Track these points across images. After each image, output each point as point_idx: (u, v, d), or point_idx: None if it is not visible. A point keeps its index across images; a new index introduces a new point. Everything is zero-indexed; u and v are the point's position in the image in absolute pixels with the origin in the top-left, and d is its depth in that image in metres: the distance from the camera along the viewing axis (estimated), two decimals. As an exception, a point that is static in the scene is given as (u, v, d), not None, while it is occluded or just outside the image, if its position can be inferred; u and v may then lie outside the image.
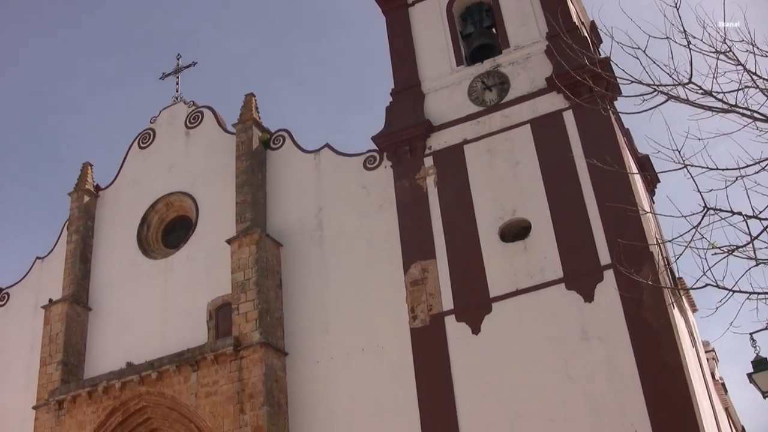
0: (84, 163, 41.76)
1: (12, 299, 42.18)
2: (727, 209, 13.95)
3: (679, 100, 14.26)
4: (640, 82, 14.43)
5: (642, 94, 14.40)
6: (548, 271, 28.99)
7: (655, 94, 14.36)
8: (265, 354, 30.97)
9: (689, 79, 14.18)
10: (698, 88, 14.13)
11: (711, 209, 14.02)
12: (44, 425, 35.37)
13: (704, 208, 14.04)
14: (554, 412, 27.07)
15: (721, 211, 14.00)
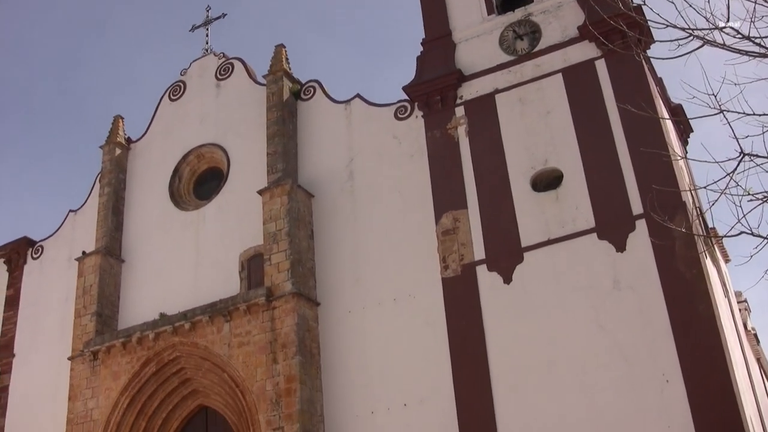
0: (115, 116, 41.94)
1: (46, 252, 42.58)
2: (764, 155, 13.77)
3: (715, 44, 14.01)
4: (675, 26, 14.21)
5: (677, 39, 14.17)
6: (580, 221, 28.91)
7: (690, 38, 14.12)
8: (297, 304, 31.13)
9: (726, 22, 13.95)
10: (735, 32, 13.88)
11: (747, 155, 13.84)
12: (79, 376, 35.77)
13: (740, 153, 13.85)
14: (585, 361, 27.11)
15: (758, 156, 13.81)
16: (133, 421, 34.31)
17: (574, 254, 28.61)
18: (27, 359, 40.53)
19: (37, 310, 41.39)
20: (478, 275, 29.74)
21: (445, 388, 28.88)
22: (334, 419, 30.51)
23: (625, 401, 26.17)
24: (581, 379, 26.99)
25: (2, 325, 42.55)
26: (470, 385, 28.50)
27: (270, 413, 30.03)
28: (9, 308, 42.74)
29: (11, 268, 43.68)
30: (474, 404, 28.24)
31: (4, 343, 41.99)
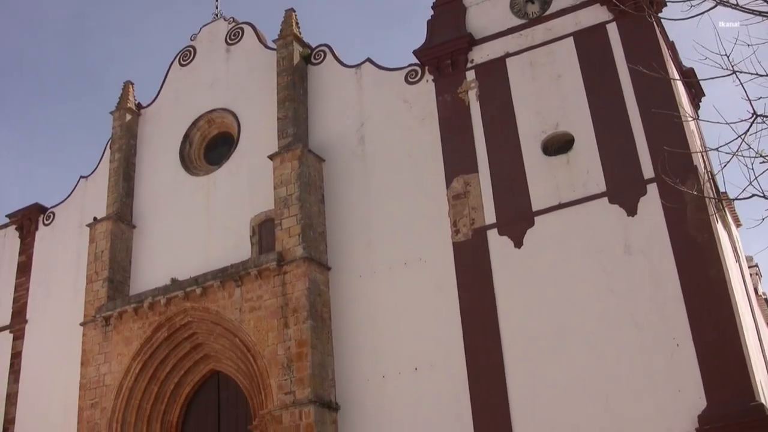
0: (125, 82, 41.89)
1: (57, 218, 42.70)
2: (777, 116, 13.68)
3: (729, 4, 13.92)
4: (688, -14, 14.08)
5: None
6: (591, 185, 28.84)
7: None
8: (309, 268, 31.18)
9: (739, -18, 13.83)
10: (748, -8, 13.78)
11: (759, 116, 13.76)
12: (92, 341, 35.96)
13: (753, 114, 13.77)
14: (596, 326, 27.16)
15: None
16: (146, 386, 34.53)
17: (585, 218, 28.58)
18: (39, 325, 40.74)
19: (48, 276, 41.56)
20: (489, 239, 29.73)
21: (455, 352, 28.94)
22: (345, 383, 30.63)
23: (636, 365, 26.21)
24: (592, 343, 27.03)
25: (15, 292, 42.76)
26: (481, 349, 28.56)
27: (281, 378, 30.15)
28: (21, 275, 42.93)
29: (23, 234, 43.84)
30: (485, 368, 28.30)
31: (16, 309, 42.20)
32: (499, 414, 27.63)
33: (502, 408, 27.66)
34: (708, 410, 24.87)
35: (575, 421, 26.51)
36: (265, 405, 30.59)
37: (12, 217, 44.44)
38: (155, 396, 34.63)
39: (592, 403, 26.45)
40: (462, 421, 28.16)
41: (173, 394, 34.83)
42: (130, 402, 34.43)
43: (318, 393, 29.62)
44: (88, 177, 42.18)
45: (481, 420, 27.88)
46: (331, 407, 29.99)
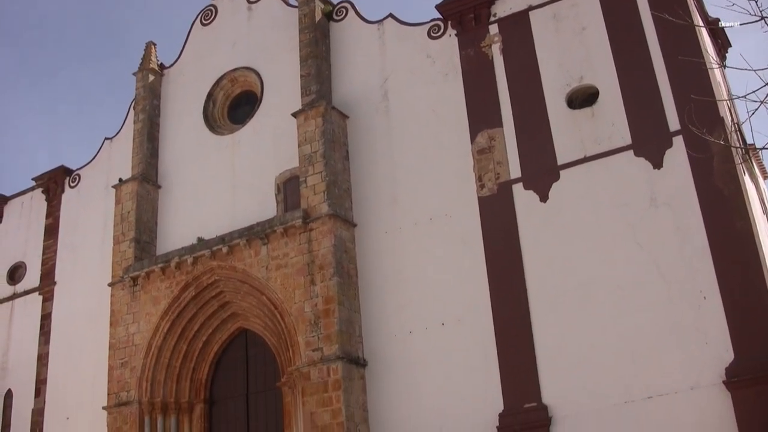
0: (147, 43, 41.91)
1: (83, 180, 42.93)
2: (806, 62, 13.48)
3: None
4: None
5: (717, -60, 13.88)
6: (616, 138, 28.65)
7: (731, -61, 13.86)
8: (334, 225, 31.23)
9: None
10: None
11: (788, 62, 13.59)
12: (120, 301, 36.25)
13: (781, 60, 13.61)
14: (622, 279, 27.10)
15: (799, 64, 13.55)
16: (174, 345, 34.85)
17: (610, 171, 28.44)
18: (68, 287, 41.10)
19: (76, 238, 41.85)
20: (515, 194, 29.68)
21: (482, 307, 29.00)
22: (372, 339, 30.77)
23: (663, 319, 26.17)
24: (618, 296, 26.99)
25: (43, 254, 43.14)
26: (507, 303, 28.61)
27: (309, 334, 30.30)
28: (49, 237, 43.25)
29: (49, 197, 44.11)
30: (511, 323, 28.36)
31: (45, 271, 42.56)
32: (526, 368, 27.70)
33: (529, 362, 27.72)
34: (735, 363, 24.83)
35: (602, 374, 26.54)
36: (293, 362, 30.78)
37: (38, 180, 44.72)
38: (184, 354, 34.94)
39: (618, 356, 26.46)
40: (489, 375, 28.26)
41: (202, 352, 35.13)
42: (160, 360, 34.75)
43: (345, 349, 29.76)
44: (112, 138, 42.35)
45: (508, 374, 27.98)
46: (358, 363, 30.15)
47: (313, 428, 29.23)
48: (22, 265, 44.21)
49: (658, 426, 25.33)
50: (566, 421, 26.75)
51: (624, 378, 26.20)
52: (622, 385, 26.19)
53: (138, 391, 34.36)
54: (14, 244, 45.03)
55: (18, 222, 45.53)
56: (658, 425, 25.33)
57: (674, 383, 25.45)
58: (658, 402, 25.54)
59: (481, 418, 28.04)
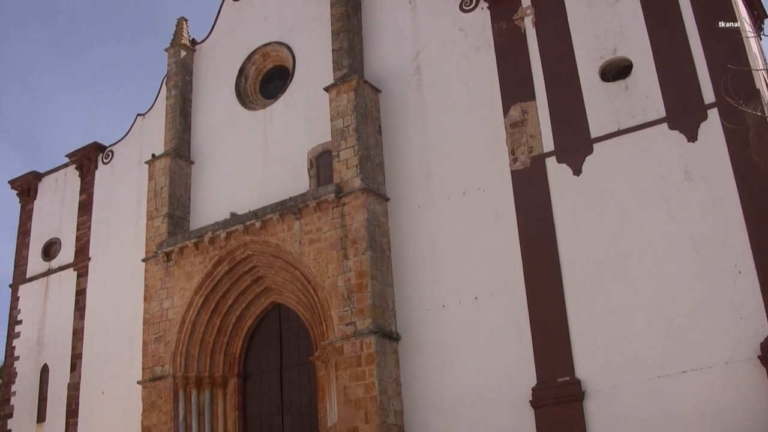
0: (179, 18, 41.98)
1: (116, 156, 43.22)
2: None
3: None
4: None
5: None
6: (650, 111, 28.41)
7: None
8: (367, 200, 31.22)
9: None
10: None
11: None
12: (154, 276, 36.47)
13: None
14: (656, 253, 26.94)
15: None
16: (208, 320, 35.05)
17: (644, 145, 28.20)
18: (102, 262, 41.45)
19: (109, 213, 42.16)
20: (548, 167, 29.55)
21: (515, 280, 28.96)
22: (405, 313, 30.82)
23: (697, 293, 26.01)
24: (652, 271, 26.84)
25: (77, 230, 43.48)
26: (541, 277, 28.55)
27: (342, 309, 30.37)
28: (83, 213, 43.58)
29: (83, 173, 44.41)
30: (545, 297, 28.31)
31: (79, 247, 42.90)
32: (559, 342, 27.67)
33: (562, 336, 27.68)
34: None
35: (635, 348, 26.45)
36: (326, 336, 30.89)
37: (72, 157, 44.98)
38: (218, 329, 35.14)
39: (652, 330, 26.35)
40: (522, 349, 28.26)
41: (235, 326, 35.31)
42: (193, 335, 34.96)
43: (378, 323, 29.81)
44: (145, 114, 42.54)
45: (541, 348, 27.97)
46: (391, 337, 30.20)
47: (347, 402, 29.32)
48: (56, 241, 44.57)
49: (691, 401, 25.24)
50: (599, 396, 26.70)
51: (658, 352, 26.08)
52: (655, 360, 26.07)
53: (172, 366, 34.61)
54: (49, 221, 45.42)
55: (52, 198, 45.87)
56: (692, 400, 25.23)
57: (708, 358, 25.29)
58: (692, 377, 25.41)
59: (514, 391, 28.07)
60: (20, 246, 46.46)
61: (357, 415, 28.97)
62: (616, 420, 26.20)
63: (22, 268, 45.70)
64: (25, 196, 47.27)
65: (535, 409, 27.52)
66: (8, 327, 45.05)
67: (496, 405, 28.33)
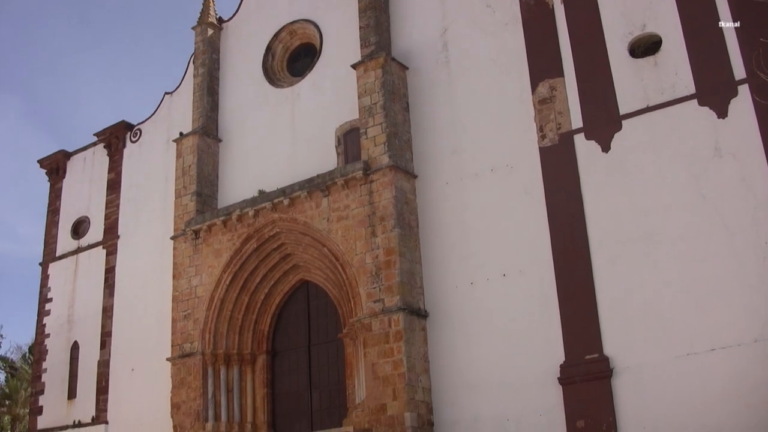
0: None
1: (144, 135, 43.40)
2: None
3: None
4: None
5: None
6: (680, 87, 28.15)
7: None
8: (395, 177, 31.20)
9: None
10: None
11: None
12: (182, 254, 36.66)
13: None
14: (686, 230, 26.77)
15: None
16: (236, 297, 35.24)
17: (673, 121, 27.96)
18: (131, 240, 41.73)
19: (138, 192, 42.40)
20: (576, 144, 29.40)
21: (544, 258, 28.91)
22: (433, 290, 30.85)
23: (726, 270, 25.83)
24: (681, 248, 26.69)
25: (106, 208, 43.77)
26: (569, 254, 28.48)
27: (370, 286, 30.43)
28: (111, 191, 43.82)
29: (111, 152, 44.65)
30: (573, 274, 28.25)
31: (108, 225, 43.17)
32: (587, 319, 27.62)
33: (591, 313, 27.63)
34: (801, 315, 24.58)
35: (664, 325, 26.36)
36: (355, 313, 30.99)
37: (100, 136, 45.23)
38: (246, 306, 35.30)
39: (681, 307, 26.23)
40: (550, 326, 28.24)
41: (264, 304, 35.46)
42: (222, 313, 35.16)
43: (407, 300, 29.86)
44: (172, 93, 42.69)
45: (569, 325, 27.92)
46: (419, 314, 30.25)
47: (375, 379, 29.43)
48: (85, 219, 44.87)
49: (720, 378, 25.12)
50: (628, 373, 26.65)
51: (687, 330, 25.97)
52: (684, 337, 25.96)
53: (201, 343, 34.83)
54: (78, 199, 45.72)
55: (81, 177, 46.16)
56: (721, 377, 25.11)
57: (738, 335, 25.16)
58: (721, 354, 25.29)
59: (542, 369, 28.07)
60: (49, 224, 46.80)
61: (385, 392, 29.08)
62: (644, 397, 26.14)
63: (51, 247, 46.07)
64: (54, 175, 47.58)
65: (563, 386, 27.49)
66: (38, 305, 45.47)
67: (524, 382, 28.32)
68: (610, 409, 26.55)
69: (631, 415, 26.29)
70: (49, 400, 42.75)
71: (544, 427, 27.59)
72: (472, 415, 29.12)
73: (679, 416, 25.48)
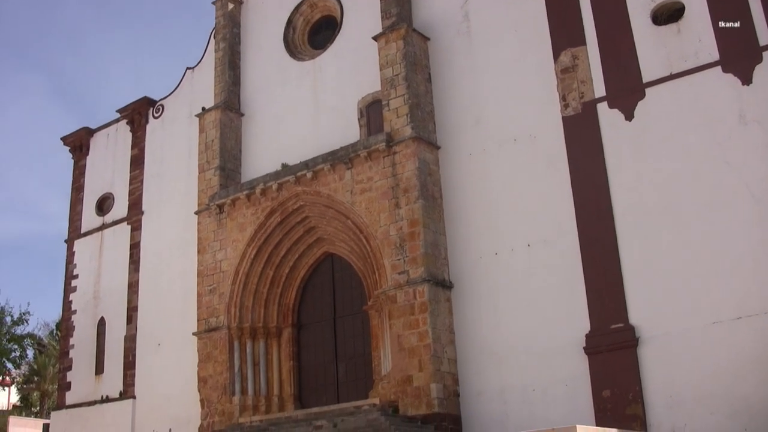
0: (226, -30, 41.84)
1: (166, 110, 43.50)
2: None
3: None
4: None
5: None
6: (703, 54, 27.91)
7: None
8: (418, 148, 31.17)
9: None
10: None
11: None
12: (206, 229, 36.80)
13: None
14: (711, 199, 26.63)
15: None
16: (261, 271, 35.36)
17: (697, 89, 27.75)
18: (155, 216, 41.89)
19: (161, 167, 42.50)
20: (599, 113, 29.23)
21: (568, 227, 28.86)
22: (458, 261, 30.86)
23: (752, 238, 25.74)
24: (706, 216, 26.56)
25: (129, 184, 43.93)
26: (593, 224, 28.38)
27: (395, 257, 30.46)
28: (135, 167, 43.97)
29: (134, 128, 44.79)
30: (598, 243, 28.17)
31: (132, 201, 43.34)
32: (612, 288, 27.57)
33: (616, 282, 27.57)
34: (829, 282, 24.46)
35: (690, 294, 26.27)
36: (380, 285, 31.03)
37: (123, 112, 45.34)
38: (271, 280, 35.41)
39: (707, 276, 26.14)
40: (575, 295, 28.19)
41: (288, 277, 35.55)
42: (247, 286, 35.29)
43: (431, 271, 29.88)
44: (194, 68, 42.69)
45: (594, 294, 27.89)
46: (444, 285, 30.28)
47: (400, 351, 29.51)
48: (110, 196, 45.05)
49: (747, 347, 25.06)
50: (653, 342, 26.61)
51: (712, 299, 25.89)
52: (710, 306, 25.88)
53: (227, 317, 34.99)
54: (102, 176, 45.91)
55: (104, 154, 46.32)
56: (748, 346, 25.06)
57: (764, 303, 25.08)
58: (747, 323, 25.22)
59: (568, 339, 28.07)
60: (74, 201, 47.02)
61: (411, 363, 29.17)
62: (670, 366, 26.09)
63: (76, 224, 46.30)
64: (77, 152, 47.78)
65: (589, 356, 27.50)
66: (65, 281, 45.76)
67: (550, 352, 28.34)
68: (636, 379, 26.51)
69: (658, 384, 26.24)
70: (77, 376, 43.08)
71: (570, 397, 27.59)
72: (497, 385, 29.18)
73: (706, 385, 25.43)
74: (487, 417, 29.06)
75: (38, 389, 72.48)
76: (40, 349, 68.36)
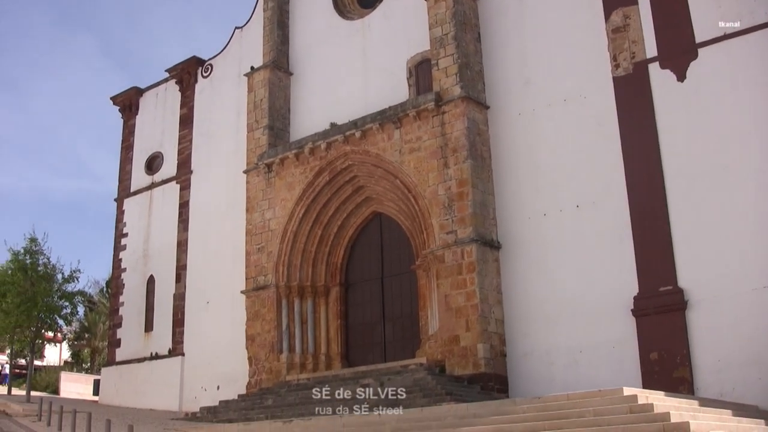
0: (275, -71, 41.69)
1: (215, 70, 43.64)
2: None
3: None
4: None
5: None
6: (759, 13, 27.38)
7: None
8: (467, 108, 31.01)
9: None
10: None
11: None
12: (255, 188, 36.95)
13: None
14: (763, 162, 26.22)
15: None
16: (310, 230, 35.54)
17: (751, 49, 27.29)
18: (204, 175, 42.16)
19: (210, 127, 42.73)
20: (651, 73, 28.86)
21: (617, 189, 28.63)
22: (506, 222, 30.77)
23: (804, 201, 25.41)
24: (758, 179, 26.22)
25: (178, 144, 44.23)
26: (643, 186, 28.14)
27: (443, 217, 30.44)
28: (183, 127, 44.23)
29: (183, 88, 44.98)
30: (647, 205, 27.94)
31: (181, 160, 43.62)
32: (661, 251, 27.34)
33: (665, 245, 27.34)
34: None
35: (739, 258, 25.99)
36: (427, 245, 31.04)
37: (172, 72, 45.56)
38: (319, 239, 35.58)
39: (756, 240, 25.85)
40: (624, 257, 28.02)
41: (336, 236, 35.69)
42: (295, 245, 35.46)
43: (479, 231, 29.84)
44: (243, 27, 42.72)
45: (643, 257, 27.70)
46: (492, 245, 30.23)
47: (448, 310, 29.56)
48: (159, 155, 45.38)
49: (796, 311, 24.87)
50: (702, 305, 26.40)
51: (762, 262, 25.59)
52: (759, 270, 25.57)
53: (275, 275, 35.20)
54: (151, 135, 46.26)
55: (153, 113, 46.65)
56: (797, 309, 24.86)
57: (817, 268, 24.84)
58: (796, 287, 24.98)
59: (615, 300, 27.95)
60: (123, 161, 47.45)
61: (458, 323, 29.22)
62: (718, 330, 25.86)
63: (126, 183, 46.76)
64: (127, 112, 48.16)
65: (637, 318, 27.38)
66: (114, 240, 46.28)
67: (598, 314, 28.24)
68: (684, 342, 26.35)
69: (706, 347, 26.06)
70: (126, 333, 43.67)
71: (617, 359, 27.50)
72: (544, 346, 29.16)
73: (754, 349, 25.16)
74: (533, 378, 29.02)
75: (89, 346, 73.43)
76: (90, 307, 69.11)
